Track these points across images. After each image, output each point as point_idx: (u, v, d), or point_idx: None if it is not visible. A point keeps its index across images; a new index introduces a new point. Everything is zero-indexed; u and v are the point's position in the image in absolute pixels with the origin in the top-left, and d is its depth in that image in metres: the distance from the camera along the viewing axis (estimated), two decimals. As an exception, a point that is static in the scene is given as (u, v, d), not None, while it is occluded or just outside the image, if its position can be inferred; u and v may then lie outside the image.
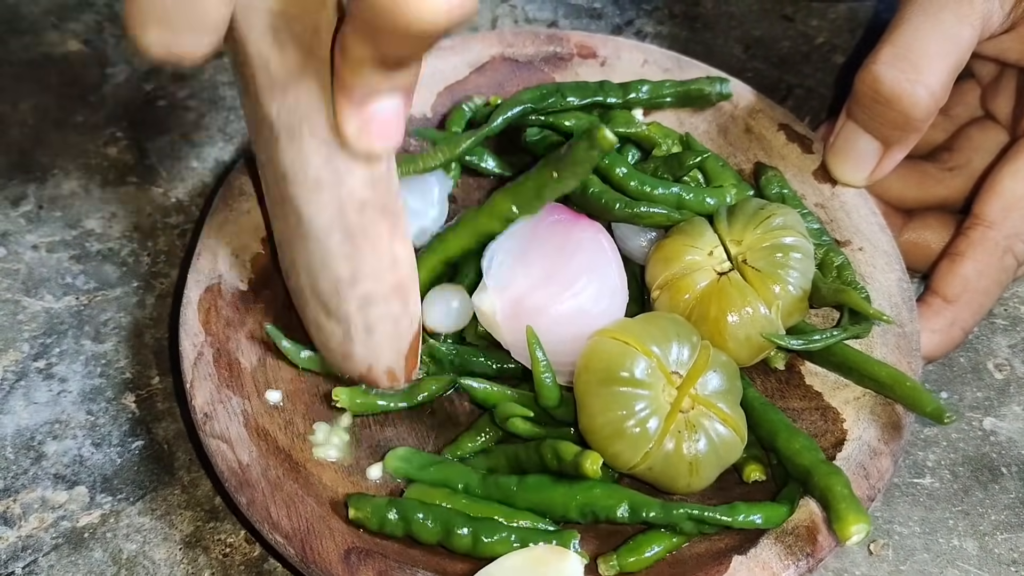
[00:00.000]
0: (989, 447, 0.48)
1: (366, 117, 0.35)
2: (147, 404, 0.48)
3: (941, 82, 0.46)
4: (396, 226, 0.40)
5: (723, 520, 0.40)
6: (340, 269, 0.40)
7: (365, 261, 0.40)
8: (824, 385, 0.45)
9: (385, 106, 0.35)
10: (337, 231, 0.39)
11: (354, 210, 0.39)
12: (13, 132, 0.59)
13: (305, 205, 0.39)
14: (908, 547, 0.45)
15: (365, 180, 0.38)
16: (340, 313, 0.41)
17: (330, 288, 0.41)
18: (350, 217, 0.39)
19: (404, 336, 0.43)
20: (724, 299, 0.44)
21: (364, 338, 0.42)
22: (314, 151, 0.37)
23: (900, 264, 0.48)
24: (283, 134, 0.37)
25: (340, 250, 0.40)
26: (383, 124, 0.35)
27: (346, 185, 0.38)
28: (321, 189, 0.38)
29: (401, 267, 0.41)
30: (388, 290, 0.41)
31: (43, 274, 0.53)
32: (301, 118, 0.37)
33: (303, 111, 0.36)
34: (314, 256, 0.40)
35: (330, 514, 0.41)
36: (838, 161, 0.50)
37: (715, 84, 0.54)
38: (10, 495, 0.45)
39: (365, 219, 0.39)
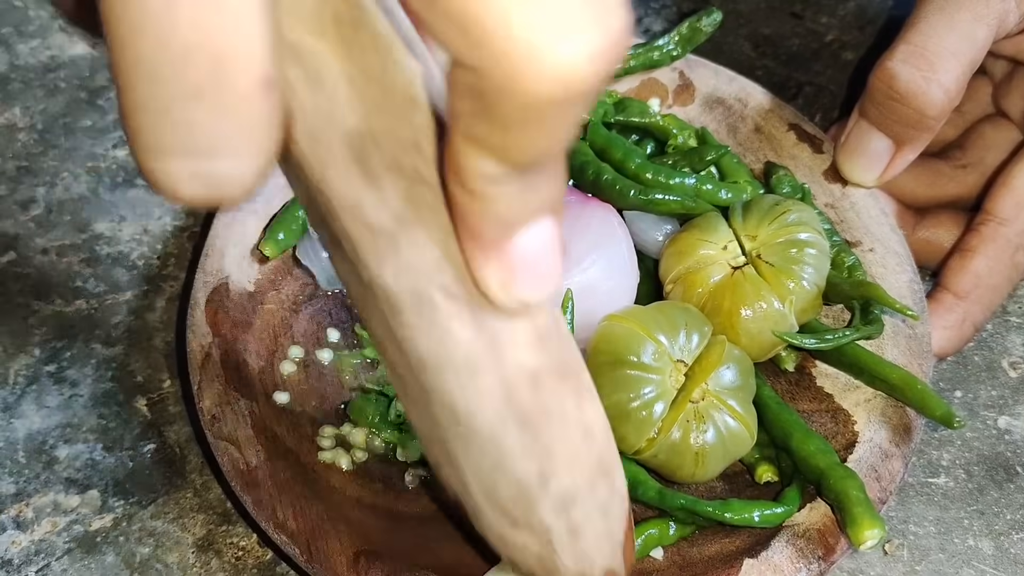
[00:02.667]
0: (1004, 446, 0.48)
1: (510, 260, 0.24)
2: (158, 407, 0.48)
3: (956, 81, 0.46)
4: (581, 386, 0.29)
5: (714, 514, 0.40)
6: (523, 469, 0.29)
7: (554, 449, 0.29)
8: (835, 387, 0.45)
9: (533, 238, 0.23)
10: (511, 421, 0.28)
11: (527, 388, 0.27)
12: (21, 136, 0.59)
13: (460, 397, 0.27)
14: (923, 547, 0.45)
15: (532, 341, 0.27)
16: (533, 523, 0.30)
17: (513, 494, 0.30)
18: (523, 398, 0.27)
19: (617, 524, 0.32)
20: (738, 293, 0.44)
21: (570, 545, 0.31)
22: (457, 321, 0.26)
23: (911, 265, 0.48)
24: (407, 305, 0.26)
25: (518, 445, 0.28)
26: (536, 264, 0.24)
27: (509, 356, 0.26)
28: (477, 371, 0.26)
29: (597, 437, 0.30)
30: (590, 475, 0.30)
31: (53, 278, 0.53)
32: (429, 277, 0.25)
33: (429, 267, 0.25)
34: (485, 458, 0.29)
35: (338, 516, 0.41)
36: (849, 160, 0.50)
37: (702, 19, 0.55)
38: (22, 499, 0.45)
39: (543, 395, 0.28)
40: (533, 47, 0.18)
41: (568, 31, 0.18)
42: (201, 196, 0.20)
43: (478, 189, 0.22)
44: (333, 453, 0.43)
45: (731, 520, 0.40)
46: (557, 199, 0.23)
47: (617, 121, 0.52)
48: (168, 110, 0.19)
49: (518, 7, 0.18)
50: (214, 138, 0.20)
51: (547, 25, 0.18)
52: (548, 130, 0.20)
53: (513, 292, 0.24)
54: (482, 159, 0.21)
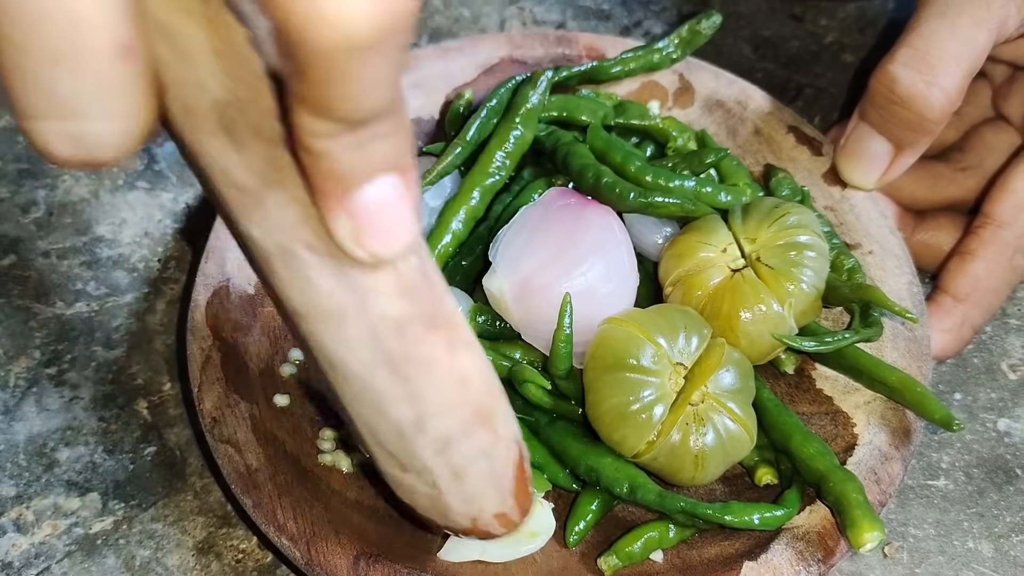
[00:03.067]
0: (1003, 448, 0.48)
1: (357, 214, 0.25)
2: (159, 410, 0.48)
3: (956, 85, 0.46)
4: (454, 335, 0.30)
5: (714, 517, 0.40)
6: (398, 413, 0.31)
7: (426, 396, 0.30)
8: (834, 389, 0.45)
9: (377, 191, 0.25)
10: (380, 367, 0.29)
11: (393, 336, 0.29)
12: (22, 138, 0.59)
13: (331, 344, 0.29)
14: (923, 549, 0.45)
15: (396, 292, 0.28)
16: (417, 465, 0.32)
17: (393, 437, 0.31)
18: (390, 346, 0.29)
19: (505, 469, 0.34)
20: (737, 296, 0.44)
21: (455, 487, 0.33)
22: (319, 273, 0.27)
23: (910, 267, 0.48)
24: (276, 259, 0.27)
25: (391, 390, 0.30)
26: (383, 216, 0.25)
27: (373, 307, 0.28)
28: (344, 320, 0.28)
29: (474, 385, 0.31)
30: (467, 419, 0.32)
31: (54, 280, 0.53)
32: (291, 233, 0.27)
33: (291, 223, 0.27)
34: (364, 404, 0.31)
35: (338, 519, 0.41)
36: (849, 163, 0.50)
37: (701, 22, 0.55)
38: (23, 502, 0.45)
39: (410, 343, 0.29)
40: None
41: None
42: (73, 157, 0.22)
43: (314, 146, 0.23)
44: (334, 456, 0.43)
45: (731, 523, 0.40)
46: (398, 155, 0.24)
47: (617, 124, 0.52)
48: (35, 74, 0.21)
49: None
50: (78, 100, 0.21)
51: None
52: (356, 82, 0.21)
53: (364, 244, 0.25)
54: (311, 118, 0.22)
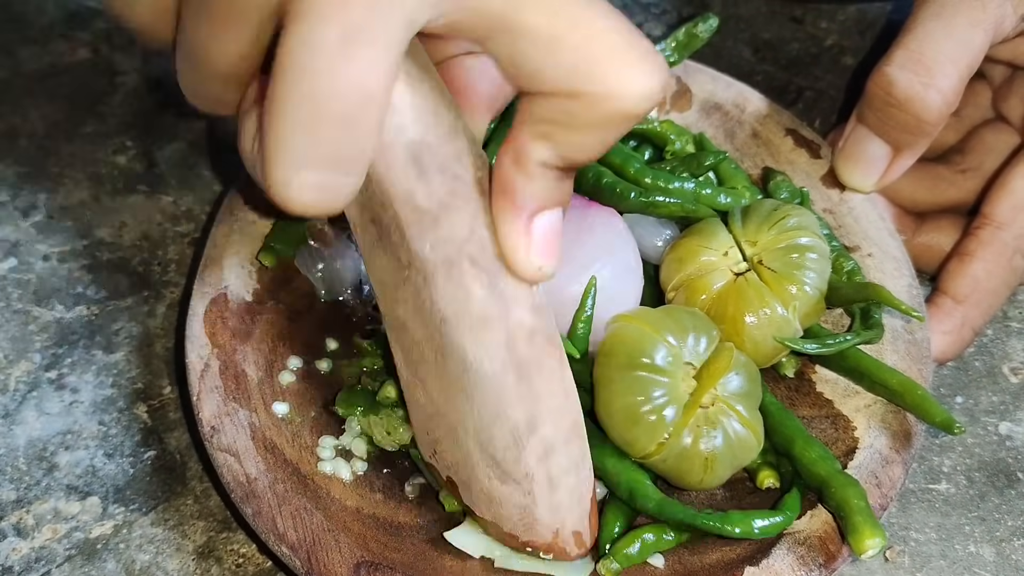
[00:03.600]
0: (1005, 452, 0.48)
1: (534, 233, 0.32)
2: (159, 414, 0.48)
3: (953, 86, 0.46)
4: (563, 356, 0.36)
5: (714, 528, 0.40)
6: (516, 413, 0.35)
7: (541, 400, 0.36)
8: (835, 393, 0.45)
9: (550, 219, 0.32)
10: (511, 369, 0.35)
11: (524, 341, 0.35)
12: (22, 142, 0.59)
13: (472, 347, 0.34)
14: (924, 554, 0.45)
15: (531, 307, 0.34)
16: (519, 471, 0.37)
17: (506, 440, 0.36)
18: (521, 350, 0.35)
19: (586, 488, 0.39)
20: (742, 300, 0.43)
21: (548, 496, 0.37)
22: (477, 281, 0.33)
23: (910, 270, 0.48)
24: (440, 271, 0.34)
25: (514, 391, 0.35)
26: (550, 239, 0.32)
27: (514, 315, 0.34)
28: (488, 324, 0.34)
29: (573, 398, 0.37)
30: (567, 432, 0.37)
31: (54, 284, 0.53)
32: (459, 248, 0.33)
33: (460, 240, 0.33)
34: (486, 406, 0.36)
35: (338, 527, 0.40)
36: (847, 166, 0.50)
37: (699, 25, 0.55)
38: (23, 506, 0.45)
39: (536, 350, 0.35)
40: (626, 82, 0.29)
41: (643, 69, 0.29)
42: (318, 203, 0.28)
43: (530, 169, 0.31)
44: (333, 464, 0.43)
45: (731, 533, 0.40)
46: (569, 196, 0.33)
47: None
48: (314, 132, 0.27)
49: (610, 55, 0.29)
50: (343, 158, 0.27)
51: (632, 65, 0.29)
52: (606, 138, 0.30)
53: (532, 258, 0.32)
54: (547, 151, 0.30)
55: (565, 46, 0.28)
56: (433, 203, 0.33)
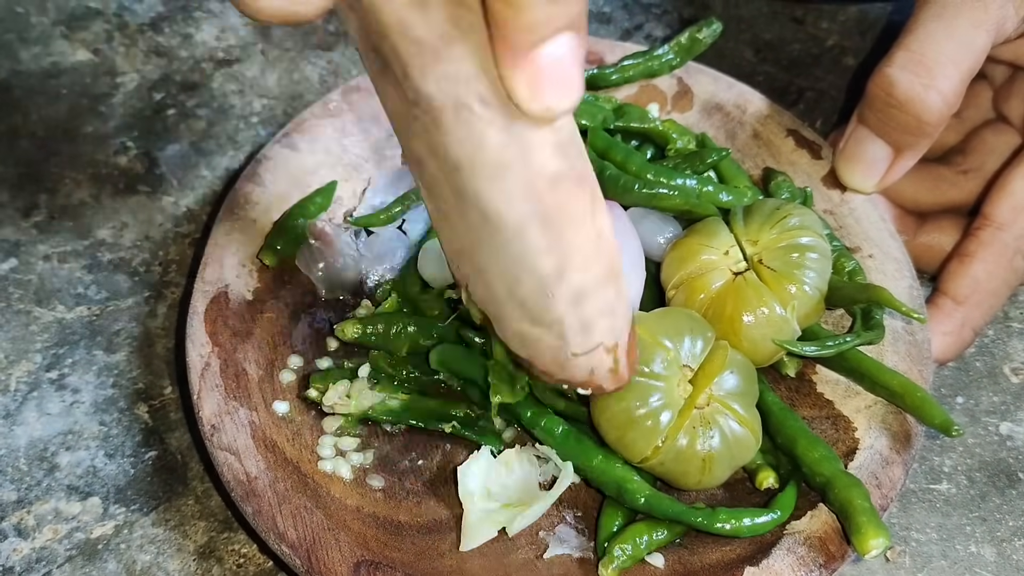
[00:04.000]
0: (1006, 452, 0.48)
1: (537, 69, 0.28)
2: (160, 414, 0.48)
3: (954, 88, 0.46)
4: (596, 195, 0.33)
5: (703, 524, 0.40)
6: (543, 264, 0.33)
7: (570, 247, 0.33)
8: (835, 393, 0.45)
9: (558, 48, 0.28)
10: (534, 218, 0.32)
11: (548, 188, 0.31)
12: (23, 143, 0.59)
13: (490, 195, 0.32)
14: (925, 554, 0.45)
15: (554, 147, 0.31)
16: (549, 317, 0.35)
17: (534, 289, 0.34)
18: (545, 198, 0.32)
19: (622, 327, 0.37)
20: (740, 299, 0.43)
21: (582, 340, 0.36)
22: (491, 125, 0.30)
23: (910, 270, 0.48)
24: (448, 112, 0.30)
25: (540, 241, 0.33)
26: (560, 72, 0.28)
27: (535, 160, 0.31)
28: (506, 171, 0.31)
29: (607, 244, 0.34)
30: (601, 276, 0.34)
31: (55, 284, 0.53)
32: (467, 87, 0.29)
33: (467, 77, 0.29)
34: (509, 256, 0.34)
35: (338, 526, 0.41)
36: (848, 166, 0.50)
37: (702, 30, 0.55)
38: (24, 506, 0.45)
39: (562, 196, 0.32)
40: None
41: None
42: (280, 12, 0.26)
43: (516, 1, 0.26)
44: (333, 463, 0.43)
45: (721, 530, 0.40)
46: (580, 15, 0.28)
47: (617, 127, 0.52)
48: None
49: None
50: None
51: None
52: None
53: (539, 97, 0.28)
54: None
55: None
56: (433, 35, 0.29)
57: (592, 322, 0.35)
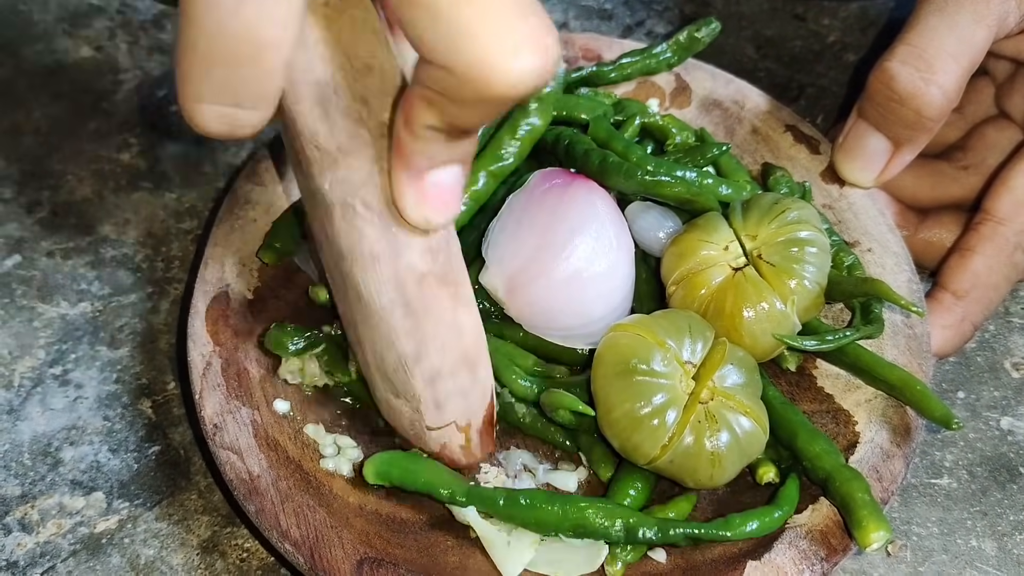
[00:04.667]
0: (1007, 447, 0.48)
1: (424, 188, 0.33)
2: (163, 409, 0.49)
3: (954, 82, 0.46)
4: (458, 294, 0.38)
5: (716, 536, 0.40)
6: (404, 345, 0.38)
7: (429, 335, 0.38)
8: (835, 387, 0.45)
9: (445, 175, 0.33)
10: (398, 306, 0.37)
11: (414, 283, 0.37)
12: (26, 139, 0.59)
13: (364, 282, 0.37)
14: (926, 548, 0.45)
15: (423, 250, 0.37)
16: (408, 391, 0.40)
17: (395, 365, 0.39)
18: (410, 290, 0.37)
19: (476, 410, 0.41)
20: (739, 294, 0.44)
21: (436, 416, 0.40)
22: (369, 224, 0.36)
23: (909, 265, 0.48)
24: (336, 209, 0.36)
25: (402, 325, 0.38)
26: (442, 194, 0.33)
27: (404, 258, 0.36)
28: (379, 264, 0.36)
29: (466, 336, 0.39)
30: (455, 362, 0.40)
31: (58, 280, 0.53)
32: (354, 191, 0.35)
33: (356, 184, 0.35)
34: (378, 333, 0.39)
35: (341, 524, 0.41)
36: (847, 160, 0.50)
37: (701, 28, 0.55)
38: (28, 501, 0.45)
39: (426, 291, 0.37)
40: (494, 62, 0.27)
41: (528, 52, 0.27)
42: (222, 132, 0.29)
43: (417, 132, 0.31)
44: (335, 461, 0.43)
45: (733, 538, 0.40)
46: (469, 155, 0.33)
47: (616, 122, 0.52)
48: (213, 72, 0.27)
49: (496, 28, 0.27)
50: (242, 96, 0.28)
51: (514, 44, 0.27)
52: (487, 113, 0.29)
53: (421, 210, 0.34)
54: (432, 116, 0.30)
55: (443, 15, 0.27)
56: (333, 145, 0.34)
57: (445, 401, 0.40)
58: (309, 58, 0.33)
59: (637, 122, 0.52)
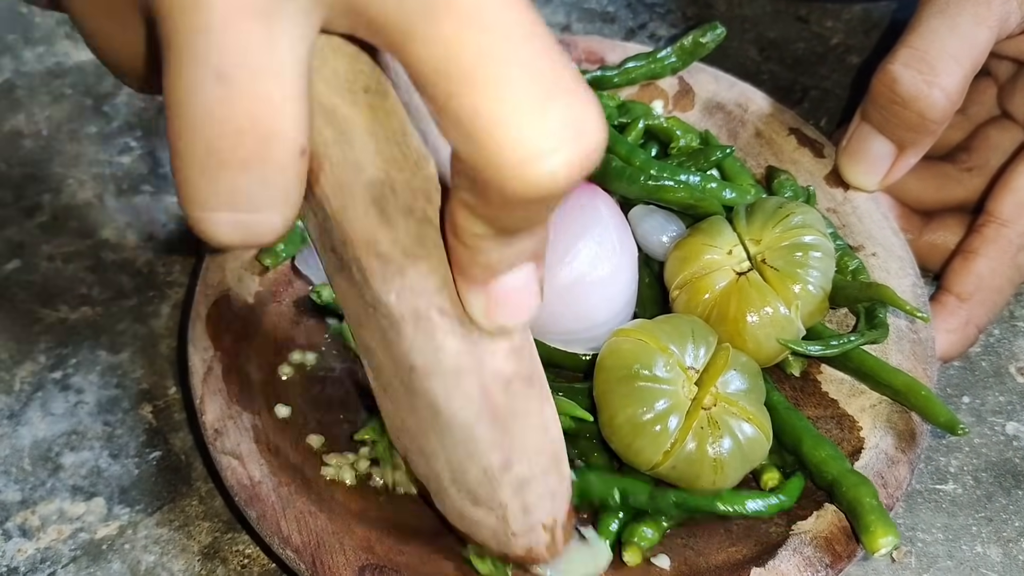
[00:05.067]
0: (1012, 452, 0.48)
1: (494, 297, 0.29)
2: (164, 414, 0.48)
3: (957, 84, 0.46)
4: (543, 392, 0.34)
5: (706, 504, 0.40)
6: (490, 458, 0.34)
7: (517, 442, 0.34)
8: (840, 392, 0.45)
9: (514, 279, 0.28)
10: (484, 417, 0.33)
11: (501, 390, 0.32)
12: (27, 143, 0.59)
13: (445, 398, 0.32)
14: (931, 554, 0.44)
15: (508, 353, 0.32)
16: (492, 501, 0.36)
17: (480, 479, 0.35)
18: (497, 399, 0.33)
19: (561, 506, 0.38)
20: (743, 299, 0.43)
21: (522, 520, 0.36)
22: (450, 335, 0.31)
23: (914, 268, 0.48)
24: (407, 322, 0.31)
25: (489, 437, 0.33)
26: (514, 299, 0.29)
27: (489, 365, 0.32)
28: (462, 376, 0.32)
29: (552, 434, 0.36)
30: (545, 465, 0.36)
31: (59, 285, 0.53)
32: (428, 300, 0.30)
33: (430, 291, 0.30)
34: (458, 450, 0.34)
35: (343, 530, 0.40)
36: (851, 164, 0.50)
37: (706, 33, 0.55)
38: (28, 507, 0.45)
39: (513, 396, 0.33)
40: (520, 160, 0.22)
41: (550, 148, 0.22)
42: (238, 242, 0.25)
43: (469, 243, 0.27)
44: (336, 468, 0.43)
45: (724, 511, 0.40)
46: (539, 250, 0.28)
47: (620, 124, 0.52)
48: (218, 176, 0.23)
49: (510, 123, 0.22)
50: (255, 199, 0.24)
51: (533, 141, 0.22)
52: (529, 215, 0.25)
53: (493, 319, 0.29)
54: (474, 222, 0.26)
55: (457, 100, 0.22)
56: (398, 251, 0.29)
57: (534, 506, 0.36)
58: (357, 155, 0.28)
59: (641, 124, 0.52)
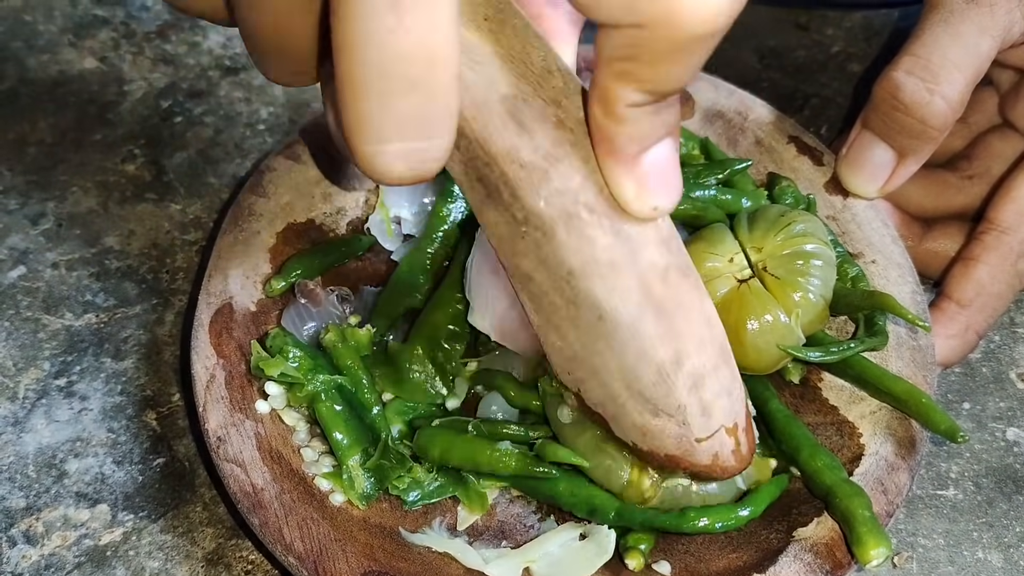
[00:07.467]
0: (1013, 458, 0.48)
1: (642, 174, 0.31)
2: (168, 421, 0.49)
3: (959, 93, 0.46)
4: (699, 284, 0.35)
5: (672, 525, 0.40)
6: (661, 353, 0.35)
7: (684, 334, 0.35)
8: (840, 399, 0.45)
9: (659, 153, 0.30)
10: (648, 311, 0.34)
11: (659, 280, 0.33)
12: (31, 151, 0.59)
13: (605, 295, 0.33)
14: (932, 560, 0.45)
15: (658, 243, 0.33)
16: (670, 404, 0.36)
17: (655, 379, 0.35)
18: (656, 290, 0.33)
19: (740, 405, 0.38)
20: (744, 307, 0.44)
21: (704, 424, 0.37)
22: (599, 229, 0.32)
23: (913, 276, 0.48)
24: (559, 224, 0.33)
25: (656, 331, 0.34)
26: (663, 174, 0.31)
27: (643, 256, 0.33)
28: (619, 270, 0.33)
29: (715, 324, 0.36)
30: (715, 358, 0.36)
31: (63, 292, 0.53)
32: (575, 198, 0.32)
33: (574, 190, 0.32)
34: (627, 351, 0.35)
35: (345, 537, 0.41)
36: (851, 171, 0.50)
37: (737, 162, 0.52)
38: (32, 513, 0.45)
39: (671, 287, 0.34)
40: None
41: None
42: (408, 173, 0.27)
43: (621, 113, 0.29)
44: (333, 479, 0.43)
45: (691, 530, 0.40)
46: (676, 123, 0.30)
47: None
48: (390, 104, 0.25)
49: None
50: (424, 123, 0.26)
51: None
52: (688, 64, 0.27)
53: (645, 199, 0.31)
54: (629, 90, 0.28)
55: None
56: (539, 157, 0.32)
57: (712, 405, 0.36)
58: (488, 72, 0.31)
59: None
